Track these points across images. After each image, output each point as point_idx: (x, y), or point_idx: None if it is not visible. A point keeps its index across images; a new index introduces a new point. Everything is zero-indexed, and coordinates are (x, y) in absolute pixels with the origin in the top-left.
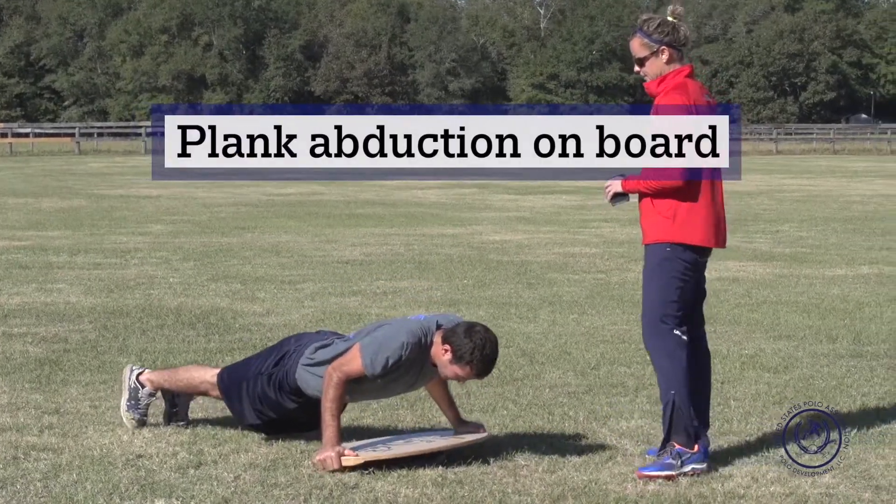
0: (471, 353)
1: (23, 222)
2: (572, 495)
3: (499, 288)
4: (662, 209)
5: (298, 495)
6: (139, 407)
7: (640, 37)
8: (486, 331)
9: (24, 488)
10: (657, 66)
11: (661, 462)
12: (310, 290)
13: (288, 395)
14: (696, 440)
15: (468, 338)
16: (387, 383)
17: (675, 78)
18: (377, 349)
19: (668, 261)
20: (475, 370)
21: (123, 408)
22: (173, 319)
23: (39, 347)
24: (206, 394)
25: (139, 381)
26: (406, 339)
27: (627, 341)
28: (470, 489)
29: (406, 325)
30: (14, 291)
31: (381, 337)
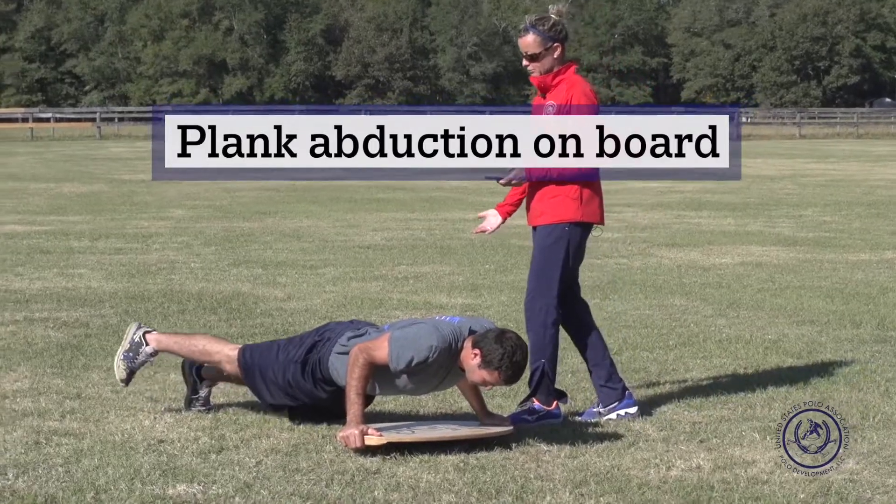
0: (500, 360)
1: (44, 207)
2: (595, 481)
3: (521, 273)
4: (569, 191)
5: (320, 480)
6: (135, 361)
7: (534, 34)
8: (516, 338)
9: (45, 473)
10: (550, 61)
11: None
12: (331, 274)
13: (321, 385)
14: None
15: (498, 344)
16: (412, 380)
17: (567, 73)
18: (405, 345)
19: (563, 239)
20: (503, 376)
21: (119, 356)
22: (195, 304)
23: (61, 332)
24: (218, 364)
25: (144, 339)
26: (436, 343)
27: (650, 326)
28: (492, 475)
29: (439, 329)
30: (35, 276)
31: (412, 335)
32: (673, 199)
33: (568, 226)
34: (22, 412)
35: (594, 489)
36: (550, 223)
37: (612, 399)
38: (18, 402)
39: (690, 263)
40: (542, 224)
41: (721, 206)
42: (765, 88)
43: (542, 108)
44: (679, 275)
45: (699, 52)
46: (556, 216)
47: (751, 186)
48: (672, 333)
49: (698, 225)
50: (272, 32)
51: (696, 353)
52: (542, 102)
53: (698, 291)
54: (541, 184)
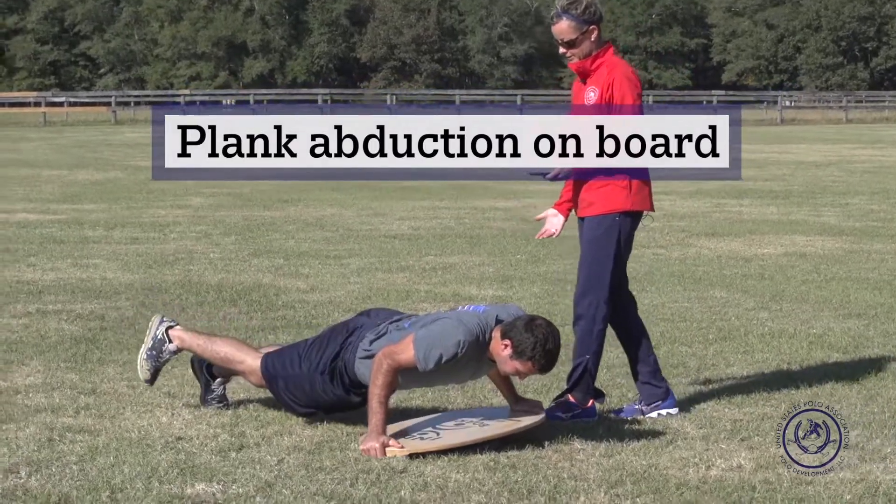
0: (532, 349)
1: (57, 195)
2: (631, 480)
3: (553, 263)
4: (618, 180)
5: (344, 479)
6: (159, 360)
7: (568, 19)
8: (547, 324)
9: (59, 471)
10: (587, 45)
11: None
12: (356, 265)
13: (351, 390)
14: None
15: (529, 332)
16: (441, 376)
17: (606, 55)
18: (431, 344)
19: (613, 230)
20: (537, 366)
21: (142, 356)
22: (214, 296)
23: (75, 325)
24: (241, 375)
25: (168, 335)
26: (463, 337)
27: (688, 320)
28: (523, 474)
29: (464, 322)
30: (49, 267)
31: (437, 332)
32: (713, 187)
33: (618, 216)
34: (35, 408)
35: (630, 489)
36: (599, 214)
37: (656, 398)
38: (31, 398)
39: (731, 254)
40: (591, 215)
41: (763, 194)
42: (809, 71)
43: (582, 94)
44: (719, 266)
45: (741, 32)
46: (606, 206)
47: (795, 173)
48: (712, 327)
49: (739, 213)
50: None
51: (737, 347)
52: (582, 88)
53: (740, 283)
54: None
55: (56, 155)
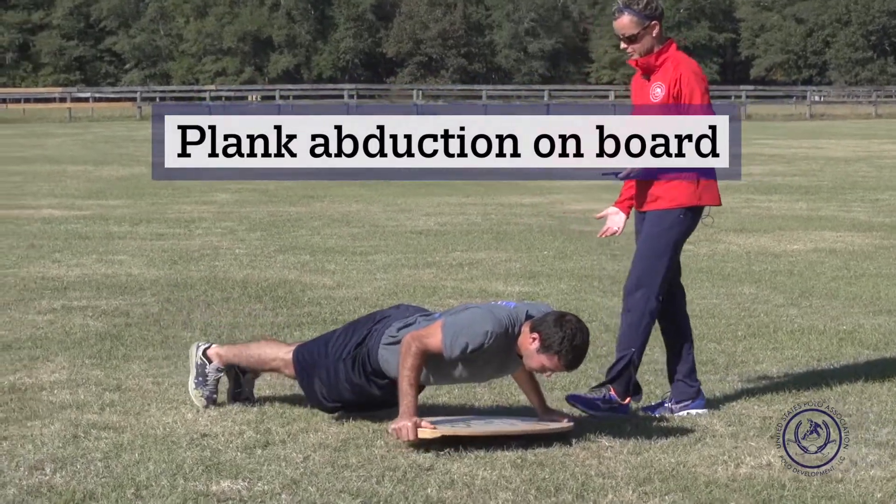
0: (560, 343)
1: (82, 191)
2: (659, 478)
3: (581, 260)
4: (688, 175)
5: (370, 476)
6: (207, 384)
7: (630, 14)
8: (577, 321)
9: (84, 468)
10: (649, 41)
11: (590, 399)
12: (382, 261)
13: (372, 379)
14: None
15: (558, 327)
16: (466, 368)
17: (670, 51)
18: (459, 331)
19: (677, 226)
20: (563, 361)
21: (191, 386)
22: (239, 292)
23: (100, 321)
24: (277, 371)
25: (206, 356)
26: (491, 327)
27: (717, 316)
28: (551, 471)
29: (494, 313)
30: (74, 263)
31: (466, 320)
32: (741, 183)
33: (683, 212)
34: (60, 404)
35: (658, 487)
36: (664, 208)
37: (687, 396)
38: (56, 394)
39: (760, 250)
40: (655, 209)
41: (792, 190)
42: (839, 65)
43: (646, 91)
44: (748, 262)
45: (769, 26)
46: (672, 201)
47: (824, 169)
48: (741, 324)
49: (768, 209)
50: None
51: (766, 344)
52: (645, 84)
53: (769, 279)
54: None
55: (81, 150)
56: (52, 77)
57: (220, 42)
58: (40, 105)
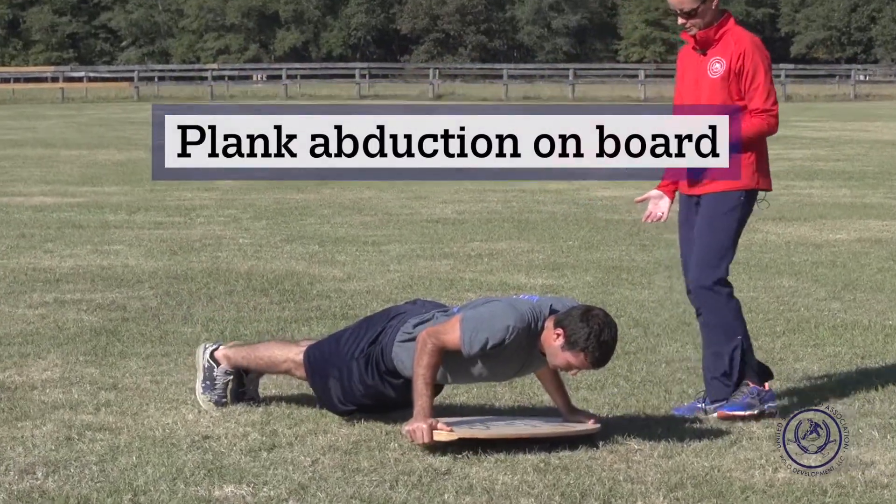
0: (586, 339)
1: (76, 176)
2: (692, 483)
3: (608, 250)
4: (744, 157)
5: (383, 481)
6: (216, 387)
7: None
8: (605, 315)
9: (78, 472)
10: (709, 14)
11: (741, 402)
12: (396, 252)
13: (386, 379)
14: (764, 380)
15: (584, 322)
16: (486, 366)
17: (729, 24)
18: (479, 326)
19: (737, 209)
20: (590, 359)
21: (199, 390)
22: (243, 285)
23: (95, 316)
24: (288, 373)
25: (213, 359)
26: (513, 322)
27: (754, 310)
28: (576, 476)
29: (516, 307)
30: (67, 253)
31: (486, 314)
32: (780, 168)
33: (743, 194)
34: (52, 404)
35: (691, 493)
36: (722, 191)
37: (722, 396)
38: (48, 394)
39: (801, 240)
40: (711, 192)
41: (835, 175)
42: (885, 42)
43: (702, 67)
44: (788, 252)
45: (810, 1)
46: (731, 183)
47: (869, 153)
48: (780, 318)
49: (809, 196)
50: None
51: (806, 340)
52: (700, 59)
53: (810, 271)
54: None
55: (75, 134)
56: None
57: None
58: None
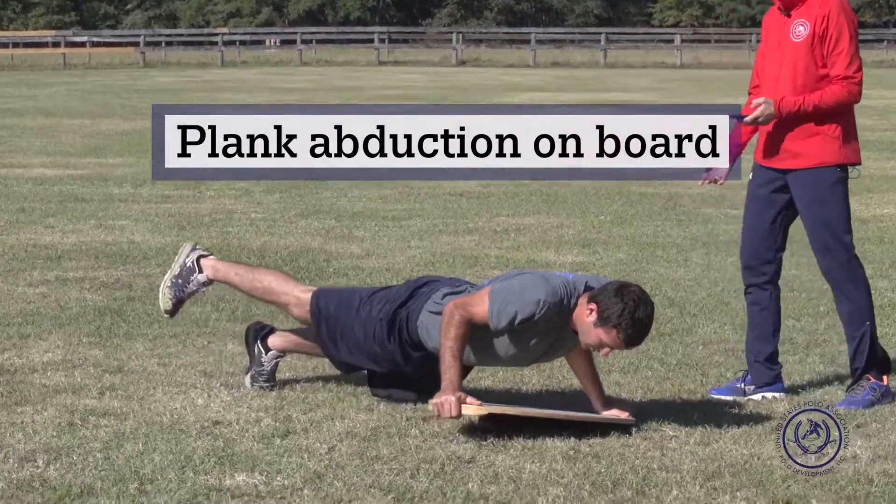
0: (619, 316)
1: (79, 147)
2: (730, 472)
3: (642, 225)
4: (829, 129)
5: (404, 470)
6: (184, 290)
7: None
8: (640, 292)
9: (81, 459)
10: None
11: (862, 398)
12: (417, 227)
13: (406, 349)
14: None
15: (618, 297)
16: (514, 344)
17: None
18: (508, 299)
19: (840, 183)
20: (623, 336)
21: (166, 283)
22: (255, 262)
23: (99, 295)
24: (284, 307)
25: (198, 264)
26: (544, 296)
27: (797, 289)
28: (607, 464)
29: (549, 281)
30: (69, 229)
31: (516, 287)
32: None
33: (839, 168)
34: (54, 388)
35: (729, 482)
36: (815, 166)
37: (765, 380)
38: (50, 377)
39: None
40: (802, 168)
41: (882, 146)
42: None
43: (785, 30)
44: None
45: None
46: (817, 158)
47: None
48: (823, 298)
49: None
50: None
51: None
52: (784, 21)
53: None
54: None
55: (77, 102)
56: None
57: None
58: (31, 50)
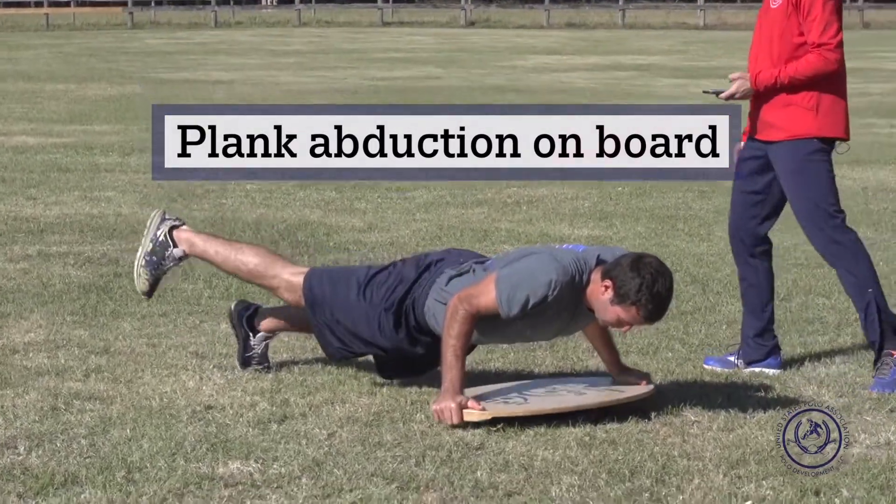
0: (637, 291)
1: (63, 114)
2: (755, 460)
3: (662, 197)
4: (803, 100)
5: (408, 457)
6: (160, 267)
7: None
8: (658, 263)
9: (65, 446)
10: None
11: (890, 378)
12: (423, 198)
13: (415, 335)
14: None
15: (635, 271)
16: (527, 326)
17: None
18: (517, 284)
19: (817, 156)
20: (643, 312)
21: (140, 262)
22: (251, 236)
23: (84, 270)
24: (270, 290)
25: (171, 238)
26: (555, 276)
27: (827, 265)
28: (625, 451)
29: (558, 259)
30: (52, 200)
31: (523, 269)
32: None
33: (816, 140)
34: (36, 370)
35: (754, 470)
36: (791, 138)
37: (754, 357)
38: (31, 358)
39: (879, 185)
40: (779, 140)
41: None
42: None
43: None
44: (865, 200)
45: None
46: (790, 130)
47: None
48: None
49: (890, 136)
50: None
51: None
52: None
53: (889, 221)
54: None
55: (61, 65)
56: None
57: None
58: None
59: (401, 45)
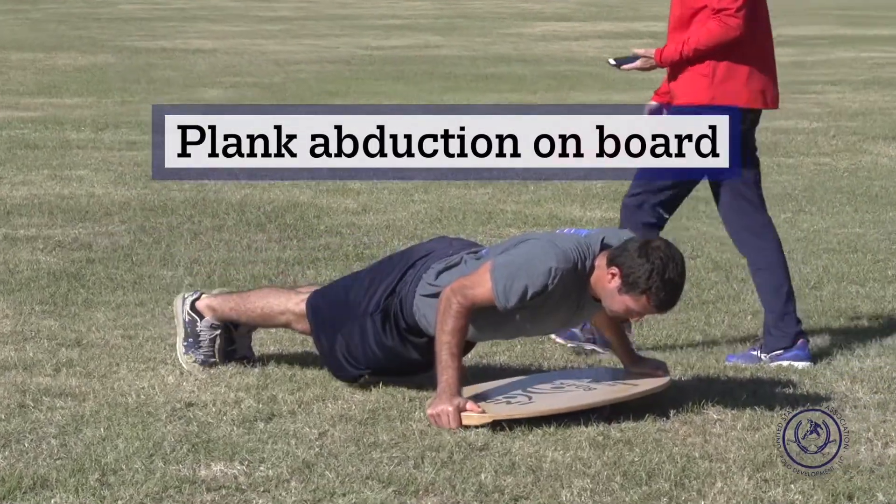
0: (647, 278)
1: (30, 85)
2: (783, 461)
3: None
4: (699, 67)
5: (406, 459)
6: (201, 345)
7: None
8: (667, 247)
9: (33, 446)
10: None
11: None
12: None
13: (407, 338)
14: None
15: (643, 257)
16: (527, 319)
17: None
18: (514, 273)
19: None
20: (654, 300)
21: (181, 350)
22: (235, 218)
23: (54, 256)
24: (287, 327)
25: (195, 311)
26: (555, 263)
27: (861, 250)
28: (641, 452)
29: (558, 245)
30: (19, 180)
31: (521, 257)
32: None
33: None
34: (2, 364)
35: (782, 473)
36: (683, 105)
37: (779, 346)
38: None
39: None
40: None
41: None
42: None
43: None
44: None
45: None
46: (683, 97)
47: None
48: (892, 260)
49: None
50: None
51: None
52: None
53: None
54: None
55: (29, 33)
56: None
57: None
58: None
59: (397, 11)
